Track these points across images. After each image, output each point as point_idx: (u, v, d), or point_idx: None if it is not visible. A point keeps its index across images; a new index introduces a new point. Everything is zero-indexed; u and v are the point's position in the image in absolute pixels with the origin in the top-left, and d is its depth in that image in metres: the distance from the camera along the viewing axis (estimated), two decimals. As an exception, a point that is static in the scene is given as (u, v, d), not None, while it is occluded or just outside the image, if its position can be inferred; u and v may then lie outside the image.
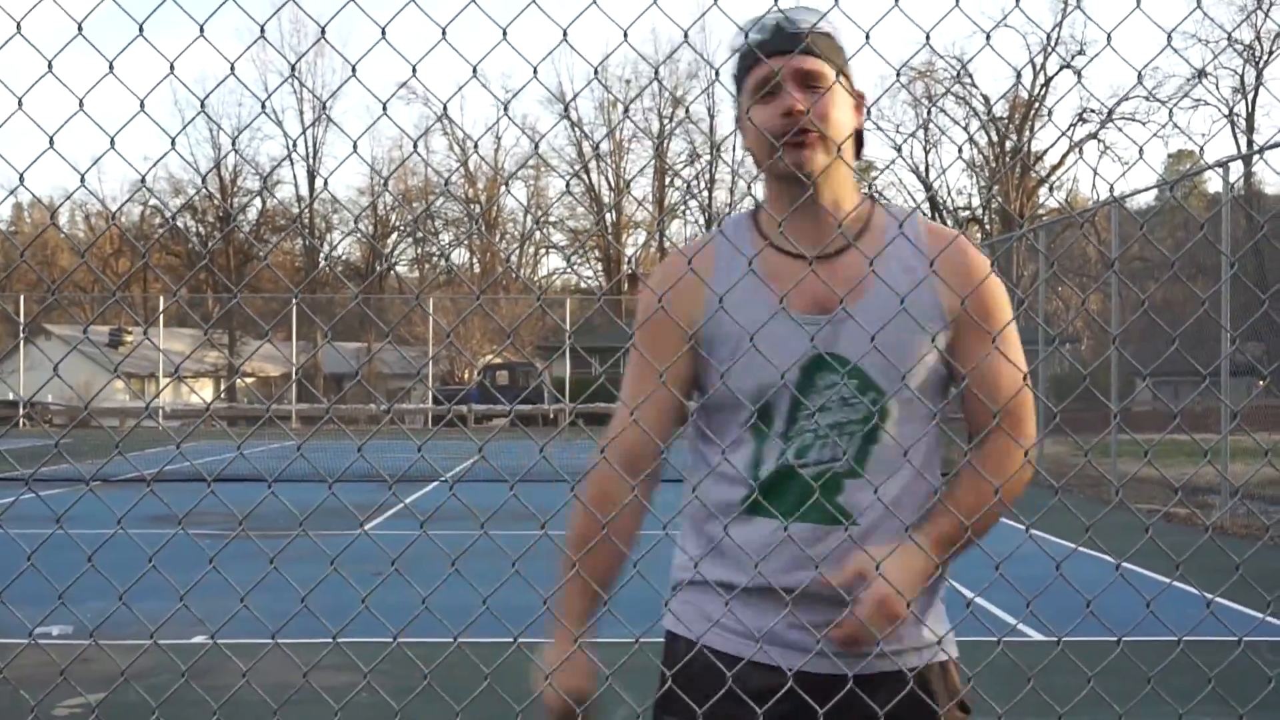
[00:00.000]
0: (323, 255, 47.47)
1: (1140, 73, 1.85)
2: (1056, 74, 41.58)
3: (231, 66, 1.58)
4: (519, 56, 1.63)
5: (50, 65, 1.55)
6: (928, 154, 44.02)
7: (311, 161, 46.55)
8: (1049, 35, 40.78)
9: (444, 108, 1.95)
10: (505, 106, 1.83)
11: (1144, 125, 39.82)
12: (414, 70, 1.56)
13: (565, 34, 1.56)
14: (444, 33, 1.54)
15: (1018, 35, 41.77)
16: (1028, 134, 42.35)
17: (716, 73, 1.70)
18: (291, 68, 1.93)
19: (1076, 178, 51.10)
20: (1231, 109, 40.02)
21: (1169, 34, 1.70)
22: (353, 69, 1.56)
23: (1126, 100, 38.39)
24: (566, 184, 65.89)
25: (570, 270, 50.79)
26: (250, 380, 39.58)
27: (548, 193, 48.50)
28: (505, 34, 1.54)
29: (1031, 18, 42.11)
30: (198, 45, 1.62)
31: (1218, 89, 39.85)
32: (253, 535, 1.69)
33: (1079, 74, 40.30)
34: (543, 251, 52.38)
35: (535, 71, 1.61)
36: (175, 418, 29.03)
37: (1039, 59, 41.29)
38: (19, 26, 1.58)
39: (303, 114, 46.45)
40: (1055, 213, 39.29)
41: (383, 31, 1.55)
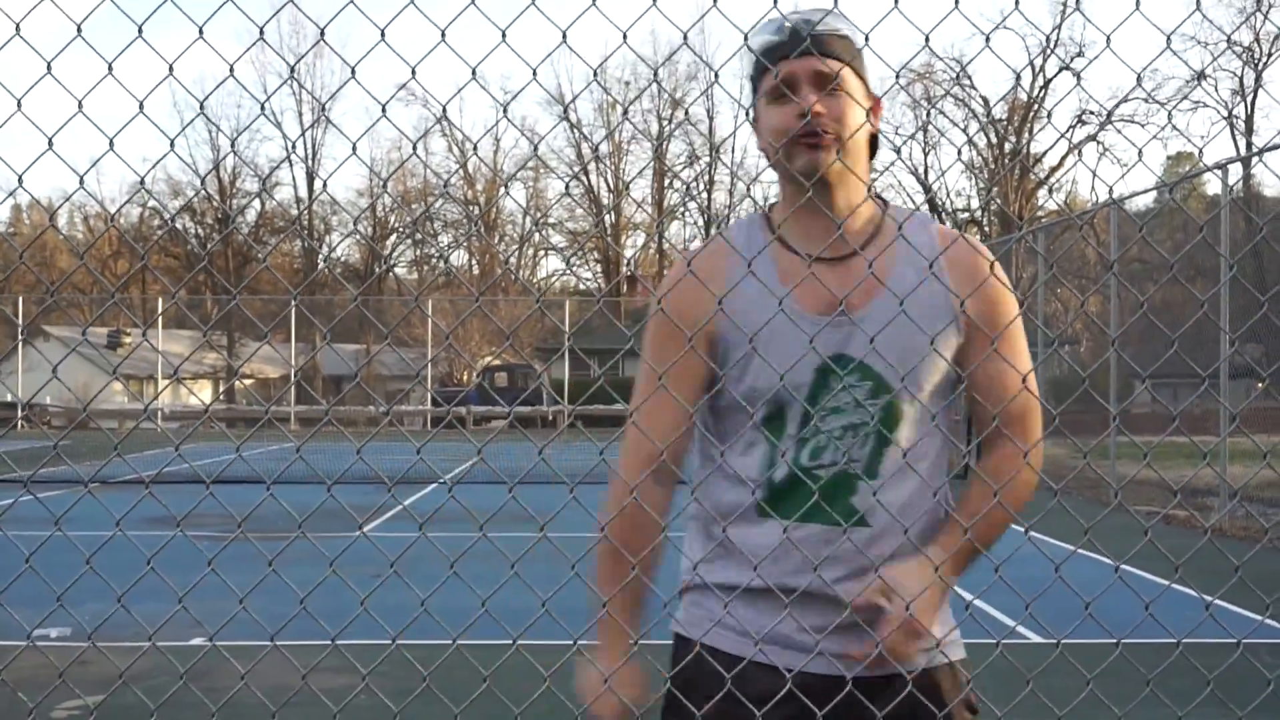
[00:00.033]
0: (322, 257, 47.45)
1: (1139, 75, 1.85)
2: (1056, 76, 41.60)
3: (230, 68, 1.58)
4: (518, 58, 1.64)
5: (49, 66, 1.55)
6: (927, 156, 44.06)
7: (310, 163, 46.59)
8: (1048, 37, 40.77)
9: (443, 109, 1.96)
10: (504, 108, 1.83)
11: (1143, 127, 39.79)
12: (413, 72, 1.56)
13: (565, 36, 1.56)
14: (443, 34, 1.54)
15: (1017, 37, 41.95)
16: (1027, 136, 42.33)
17: (716, 74, 1.70)
18: (291, 69, 1.93)
19: (1075, 180, 51.16)
20: (1230, 111, 40.05)
21: (1168, 36, 1.70)
22: (352, 71, 1.56)
23: (1126, 102, 38.37)
24: (566, 186, 65.95)
25: (569, 272, 50.92)
26: (249, 382, 39.57)
27: (547, 194, 48.53)
28: (504, 36, 1.54)
29: (1031, 19, 42.18)
30: (197, 47, 1.62)
31: (1217, 91, 39.78)
32: (251, 537, 1.69)
33: (1078, 76, 40.26)
34: (542, 253, 52.47)
35: (534, 73, 1.61)
36: (174, 419, 29.00)
37: (1038, 61, 41.30)
38: (18, 28, 1.58)
39: (302, 116, 46.56)
40: (1054, 215, 39.26)
41: (382, 33, 1.55)
